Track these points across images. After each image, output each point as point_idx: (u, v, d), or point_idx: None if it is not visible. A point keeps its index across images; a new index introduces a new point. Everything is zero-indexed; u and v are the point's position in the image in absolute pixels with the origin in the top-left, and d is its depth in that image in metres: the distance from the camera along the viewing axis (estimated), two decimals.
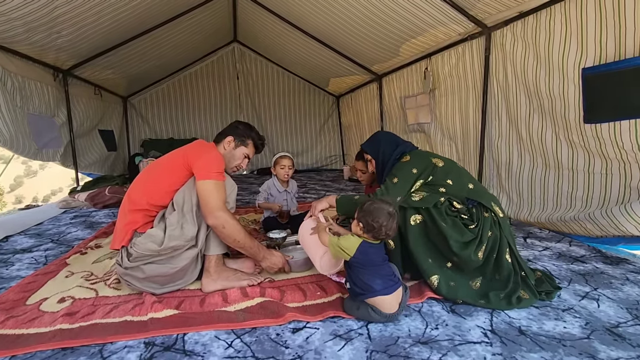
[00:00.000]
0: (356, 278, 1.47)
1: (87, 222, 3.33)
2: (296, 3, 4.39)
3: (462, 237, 1.60)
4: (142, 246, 1.62)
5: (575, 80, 2.38)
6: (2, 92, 3.23)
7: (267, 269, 1.89)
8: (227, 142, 1.99)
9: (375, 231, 1.45)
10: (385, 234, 1.46)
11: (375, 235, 1.47)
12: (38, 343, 1.32)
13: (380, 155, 2.02)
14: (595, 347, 1.28)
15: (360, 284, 1.45)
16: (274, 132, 7.60)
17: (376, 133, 2.17)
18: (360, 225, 1.48)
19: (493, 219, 1.70)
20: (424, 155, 1.91)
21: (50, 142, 4.06)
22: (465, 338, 1.35)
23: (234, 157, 2.01)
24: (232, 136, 2.00)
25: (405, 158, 1.88)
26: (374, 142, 2.08)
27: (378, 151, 2.03)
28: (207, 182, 1.67)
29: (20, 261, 2.28)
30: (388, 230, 1.45)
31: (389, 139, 2.06)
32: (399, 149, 1.97)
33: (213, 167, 1.71)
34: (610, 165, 2.31)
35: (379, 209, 1.46)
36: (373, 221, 1.44)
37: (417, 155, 1.89)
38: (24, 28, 3.15)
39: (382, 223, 1.43)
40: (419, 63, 4.35)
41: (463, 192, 1.75)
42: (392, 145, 2.00)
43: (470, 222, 1.67)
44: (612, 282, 1.81)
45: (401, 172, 1.84)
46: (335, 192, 4.83)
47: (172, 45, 5.40)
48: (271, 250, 1.89)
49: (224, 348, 1.30)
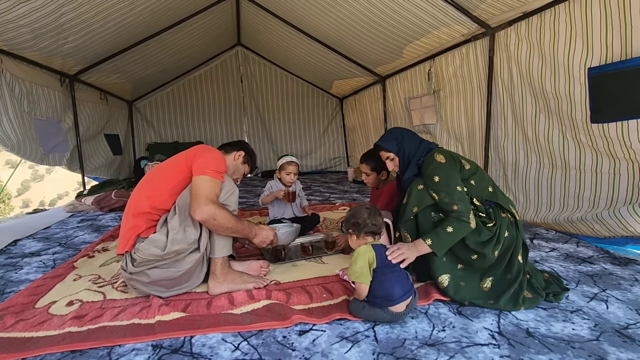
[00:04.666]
0: (379, 286, 1.45)
1: (94, 226, 3.36)
2: (299, 6, 4.41)
3: (479, 237, 1.62)
4: (146, 251, 1.63)
5: (581, 80, 2.36)
6: (9, 98, 3.27)
7: (259, 244, 1.91)
8: (239, 154, 2.09)
9: (362, 226, 1.52)
10: (372, 225, 1.52)
11: (366, 232, 1.53)
12: (47, 346, 1.33)
13: (404, 151, 1.90)
14: (604, 349, 1.27)
15: (382, 291, 1.44)
16: (277, 135, 7.62)
17: (392, 130, 2.04)
18: (350, 232, 1.57)
19: (510, 220, 1.70)
20: (453, 155, 1.80)
21: (56, 146, 4.10)
22: (473, 340, 1.34)
23: (238, 171, 2.10)
24: (244, 152, 2.11)
25: (440, 158, 1.73)
26: (393, 139, 1.95)
27: (401, 148, 1.91)
28: (200, 177, 1.67)
29: (28, 265, 2.30)
30: (373, 221, 1.53)
31: (410, 135, 1.96)
32: (423, 145, 1.88)
33: (211, 164, 1.72)
34: (619, 165, 2.29)
35: (357, 209, 1.57)
36: (356, 219, 1.54)
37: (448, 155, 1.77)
38: (32, 35, 3.19)
39: (365, 216, 1.53)
40: (422, 64, 4.34)
41: (483, 195, 1.74)
42: (415, 141, 1.91)
43: (488, 220, 1.68)
44: (620, 283, 1.79)
45: (453, 177, 1.69)
46: (340, 194, 4.83)
47: (176, 49, 5.44)
48: (260, 226, 1.92)
49: (231, 350, 1.30)
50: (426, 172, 1.74)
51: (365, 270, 1.45)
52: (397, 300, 1.42)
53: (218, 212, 1.64)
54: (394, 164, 1.97)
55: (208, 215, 1.62)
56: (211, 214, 1.62)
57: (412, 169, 1.85)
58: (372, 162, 2.41)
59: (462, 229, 1.60)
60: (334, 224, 3.12)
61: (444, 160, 1.72)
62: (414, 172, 1.84)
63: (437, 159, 1.73)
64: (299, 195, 2.91)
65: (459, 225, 1.59)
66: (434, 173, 1.69)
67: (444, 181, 1.66)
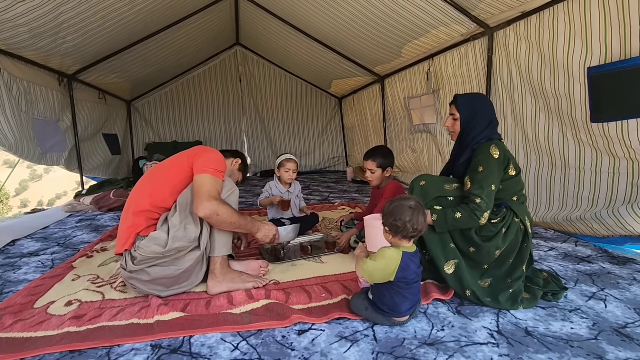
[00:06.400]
0: (389, 298, 1.39)
1: (93, 226, 3.35)
2: (298, 6, 4.41)
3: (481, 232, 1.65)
4: (147, 249, 1.63)
5: (581, 80, 2.37)
6: (7, 98, 3.26)
7: (262, 238, 1.92)
8: (236, 161, 2.19)
9: (402, 230, 1.37)
10: (413, 230, 1.37)
11: (404, 236, 1.38)
12: (46, 346, 1.33)
13: (470, 123, 1.79)
14: (603, 348, 1.27)
15: (392, 304, 1.39)
16: (276, 134, 7.62)
17: (479, 96, 1.89)
18: (386, 229, 1.42)
19: (520, 227, 1.69)
20: (507, 156, 1.72)
21: (54, 146, 4.09)
22: (472, 339, 1.34)
23: (233, 176, 2.16)
24: (240, 160, 2.20)
25: (495, 151, 1.67)
26: (473, 106, 1.81)
27: (472, 118, 1.78)
28: (202, 176, 1.69)
29: (27, 265, 2.30)
30: (415, 225, 1.36)
31: (489, 114, 1.81)
32: (488, 131, 1.76)
33: (212, 164, 1.74)
34: (619, 164, 2.30)
35: (399, 207, 1.38)
36: (396, 221, 1.37)
37: (504, 153, 1.70)
38: (30, 34, 3.18)
39: (406, 219, 1.35)
40: (422, 64, 4.35)
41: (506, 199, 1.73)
42: (486, 122, 1.77)
43: (494, 217, 1.66)
44: (619, 282, 1.80)
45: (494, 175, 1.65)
46: (339, 194, 4.83)
47: (175, 49, 5.43)
48: (263, 222, 1.94)
49: (230, 350, 1.30)
50: (476, 159, 1.70)
51: (376, 275, 1.38)
52: (403, 314, 1.41)
53: (221, 208, 1.66)
54: (453, 125, 1.86)
55: (211, 212, 1.63)
56: (214, 210, 1.64)
57: (467, 153, 1.77)
58: (379, 158, 2.39)
59: (469, 222, 1.60)
60: (333, 224, 3.12)
61: (497, 157, 1.67)
62: (467, 157, 1.77)
63: (491, 152, 1.67)
64: (297, 197, 2.91)
65: (469, 217, 1.59)
66: (481, 164, 1.66)
67: (485, 175, 1.64)
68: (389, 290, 1.40)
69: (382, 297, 1.41)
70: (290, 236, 2.14)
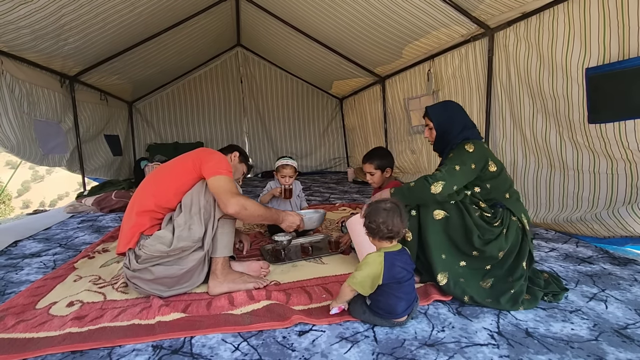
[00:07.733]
0: (383, 301, 1.40)
1: (94, 227, 3.36)
2: (299, 7, 4.42)
3: (483, 235, 1.65)
4: (152, 247, 1.65)
5: (579, 81, 2.37)
6: (9, 99, 3.28)
7: (287, 228, 1.98)
8: (234, 155, 2.19)
9: (377, 232, 1.42)
10: (388, 231, 1.40)
11: (381, 237, 1.43)
12: (48, 346, 1.34)
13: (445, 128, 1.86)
14: (603, 349, 1.27)
15: (387, 306, 1.40)
16: (277, 135, 7.63)
17: (449, 103, 1.96)
18: (366, 232, 1.47)
19: (518, 225, 1.71)
20: (485, 152, 1.76)
21: (55, 147, 4.11)
22: (472, 340, 1.34)
23: (237, 170, 2.19)
24: (237, 152, 2.21)
25: (469, 147, 1.72)
26: (443, 113, 1.89)
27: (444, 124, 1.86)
28: (218, 177, 1.73)
29: (29, 266, 2.31)
30: (390, 226, 1.39)
31: (461, 118, 1.87)
32: (464, 133, 1.81)
33: (223, 165, 1.78)
34: (617, 166, 2.29)
35: (374, 209, 1.44)
36: (371, 223, 1.43)
37: (480, 150, 1.75)
38: (32, 36, 3.20)
39: (380, 221, 1.40)
40: (422, 65, 4.35)
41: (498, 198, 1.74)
42: (461, 125, 1.84)
43: (494, 219, 1.69)
44: (620, 283, 1.80)
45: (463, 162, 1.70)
46: (340, 195, 4.83)
47: (176, 50, 5.45)
48: (287, 212, 1.98)
49: (230, 351, 1.31)
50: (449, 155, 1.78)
51: (367, 282, 1.38)
52: (400, 315, 1.41)
53: (247, 202, 1.72)
54: (430, 134, 1.96)
55: (240, 206, 1.68)
56: (242, 205, 1.69)
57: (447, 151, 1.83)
58: (377, 159, 2.39)
59: (422, 188, 1.65)
60: (334, 225, 3.12)
61: (471, 151, 1.72)
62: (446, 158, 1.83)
63: (465, 147, 1.73)
64: (298, 196, 2.91)
65: (422, 184, 1.66)
66: (453, 153, 1.75)
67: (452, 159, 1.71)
68: (381, 294, 1.40)
69: (376, 301, 1.42)
70: (315, 224, 2.10)
